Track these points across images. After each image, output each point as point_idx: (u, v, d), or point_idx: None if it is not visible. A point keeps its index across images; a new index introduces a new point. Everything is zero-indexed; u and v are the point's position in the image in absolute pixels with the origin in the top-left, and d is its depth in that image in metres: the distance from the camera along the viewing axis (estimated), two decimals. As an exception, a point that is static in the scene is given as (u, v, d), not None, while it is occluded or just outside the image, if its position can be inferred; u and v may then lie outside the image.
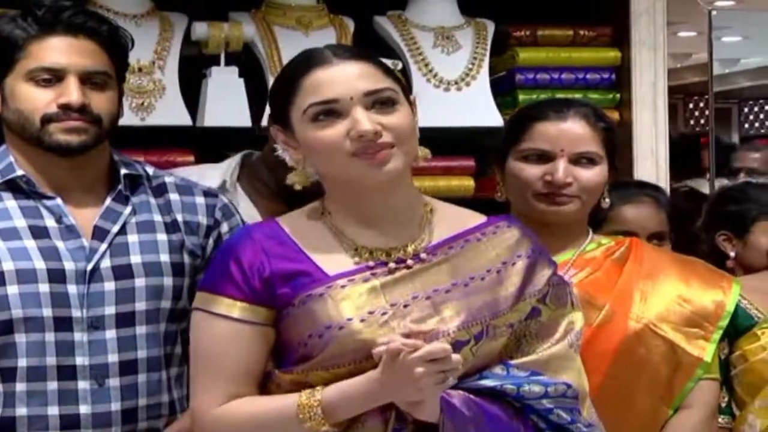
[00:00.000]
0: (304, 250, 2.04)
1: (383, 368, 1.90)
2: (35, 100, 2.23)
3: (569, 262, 2.41)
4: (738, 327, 2.60)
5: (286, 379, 2.00)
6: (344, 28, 3.39)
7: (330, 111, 1.97)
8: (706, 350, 2.42)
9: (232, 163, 2.84)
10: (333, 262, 2.02)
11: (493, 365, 2.03)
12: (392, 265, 2.02)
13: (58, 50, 2.24)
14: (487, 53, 3.50)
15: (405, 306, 1.99)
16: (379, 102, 1.99)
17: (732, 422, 2.61)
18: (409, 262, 2.03)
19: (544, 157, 2.39)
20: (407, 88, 2.06)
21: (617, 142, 2.49)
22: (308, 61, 2.02)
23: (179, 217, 2.36)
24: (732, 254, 2.99)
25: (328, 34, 3.36)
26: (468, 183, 3.45)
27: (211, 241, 2.37)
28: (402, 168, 2.01)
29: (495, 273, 2.05)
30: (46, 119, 2.23)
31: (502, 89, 3.53)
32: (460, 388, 1.98)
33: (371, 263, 2.03)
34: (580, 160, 2.39)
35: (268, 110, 2.63)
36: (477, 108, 3.38)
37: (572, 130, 2.39)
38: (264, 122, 2.86)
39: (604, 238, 2.53)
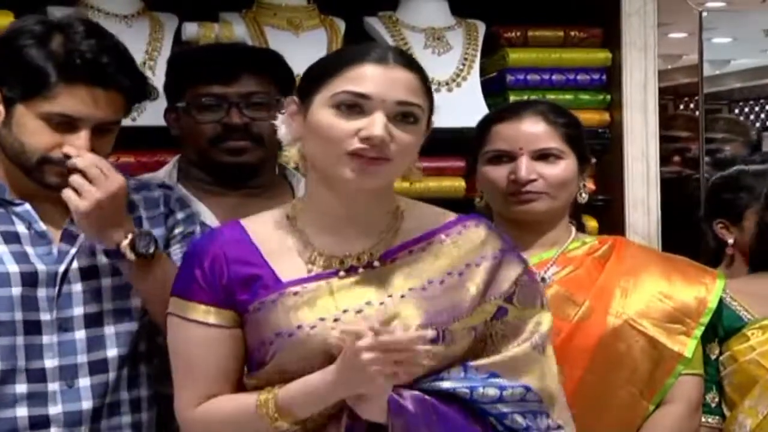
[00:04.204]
0: (264, 254, 2.05)
1: (340, 358, 1.91)
2: (42, 141, 2.20)
3: (551, 260, 2.43)
4: (727, 328, 2.61)
5: (251, 384, 2.04)
6: (335, 28, 3.39)
7: (355, 104, 1.97)
8: (686, 346, 2.44)
9: (169, 167, 2.85)
10: (289, 268, 2.04)
11: (452, 367, 2.02)
12: (342, 273, 2.03)
13: (83, 101, 2.19)
14: (478, 54, 3.50)
15: (358, 312, 1.99)
16: (403, 114, 1.99)
17: (722, 422, 2.62)
18: (360, 270, 2.03)
19: (509, 158, 2.43)
20: (432, 109, 2.07)
21: (582, 136, 2.52)
22: (366, 53, 2.02)
23: (143, 214, 2.37)
24: (730, 241, 3.05)
25: (319, 34, 3.36)
26: (459, 184, 3.45)
27: (164, 229, 2.38)
28: (385, 183, 2.03)
29: (457, 276, 2.04)
30: (45, 160, 2.21)
31: (493, 90, 3.53)
32: (415, 389, 1.97)
33: (324, 271, 2.03)
34: (544, 157, 2.43)
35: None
36: (468, 109, 3.37)
37: (528, 129, 2.45)
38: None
39: (587, 236, 2.56)
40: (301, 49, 3.22)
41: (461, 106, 3.41)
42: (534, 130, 2.45)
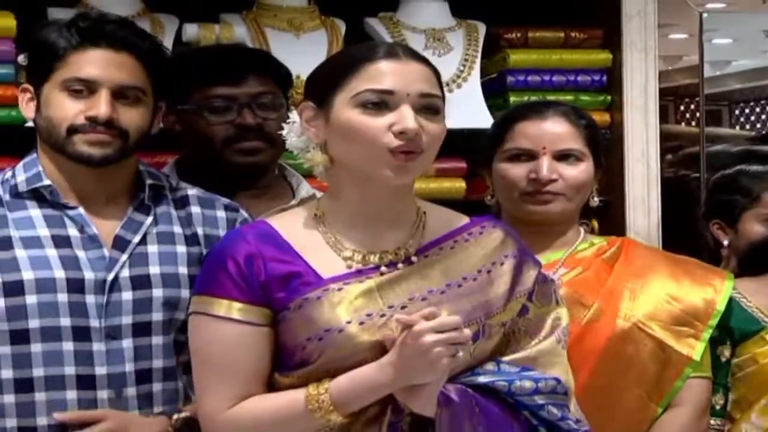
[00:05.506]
0: (298, 251, 2.04)
1: (397, 346, 1.91)
2: (65, 109, 2.25)
3: (560, 261, 2.43)
4: (744, 330, 2.61)
5: (285, 383, 2.01)
6: (335, 29, 3.39)
7: (381, 102, 1.99)
8: (695, 349, 2.43)
9: (167, 169, 2.83)
10: (326, 264, 2.03)
11: (485, 362, 2.06)
12: (384, 268, 2.04)
13: (95, 63, 2.25)
14: (479, 55, 3.50)
15: (402, 308, 2.00)
16: (426, 107, 2.02)
17: (724, 424, 2.62)
18: (400, 265, 2.05)
19: (529, 157, 2.42)
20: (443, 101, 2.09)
21: (600, 140, 2.52)
22: (378, 50, 2.05)
23: (200, 231, 2.37)
24: (725, 242, 3.03)
25: (320, 35, 3.36)
26: (459, 185, 3.45)
27: None
28: (417, 175, 2.05)
29: (486, 273, 2.08)
30: (72, 129, 2.24)
31: (494, 91, 3.53)
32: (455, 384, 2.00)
33: (363, 267, 2.04)
34: (565, 157, 2.41)
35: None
36: (468, 110, 3.38)
37: (553, 128, 2.43)
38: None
39: (596, 238, 2.55)
40: (302, 51, 3.23)
41: (461, 107, 3.40)
42: (558, 130, 2.45)
